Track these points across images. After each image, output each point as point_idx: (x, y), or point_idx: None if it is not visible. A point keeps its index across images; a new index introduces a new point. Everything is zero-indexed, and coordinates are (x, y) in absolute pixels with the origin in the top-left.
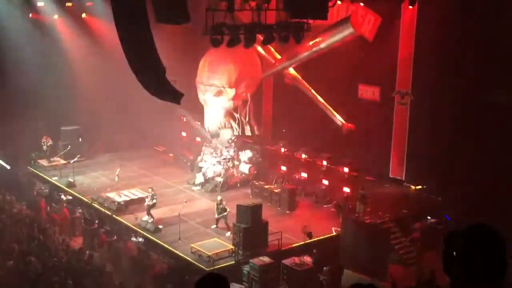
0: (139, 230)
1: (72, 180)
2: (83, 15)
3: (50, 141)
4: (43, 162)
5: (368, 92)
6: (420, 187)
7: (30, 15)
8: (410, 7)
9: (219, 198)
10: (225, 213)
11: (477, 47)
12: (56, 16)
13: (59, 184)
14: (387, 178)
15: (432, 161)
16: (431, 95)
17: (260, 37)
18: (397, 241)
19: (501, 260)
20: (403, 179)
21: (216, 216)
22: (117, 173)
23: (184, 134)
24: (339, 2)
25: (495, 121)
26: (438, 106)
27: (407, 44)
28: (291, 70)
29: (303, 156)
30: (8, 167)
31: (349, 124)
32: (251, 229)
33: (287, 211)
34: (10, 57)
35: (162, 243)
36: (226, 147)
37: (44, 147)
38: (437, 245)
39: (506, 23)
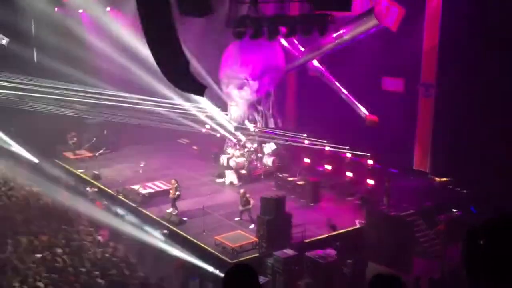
0: (164, 222)
1: (97, 173)
2: (108, 8)
3: (75, 137)
4: (69, 155)
5: (392, 84)
6: (445, 179)
7: (56, 9)
8: None
9: (242, 190)
10: (249, 206)
11: (503, 37)
12: (81, 10)
13: (84, 177)
14: (411, 170)
15: (458, 153)
16: (456, 87)
17: (283, 29)
18: (422, 233)
19: None
20: (428, 171)
21: (240, 208)
22: (141, 165)
23: (207, 126)
24: None
25: None
26: (464, 97)
27: (432, 35)
28: (315, 62)
29: (327, 148)
30: (36, 161)
31: (373, 116)
32: (274, 222)
33: (311, 204)
34: (36, 51)
35: (186, 235)
36: (249, 140)
37: (70, 142)
38: (462, 238)
39: None
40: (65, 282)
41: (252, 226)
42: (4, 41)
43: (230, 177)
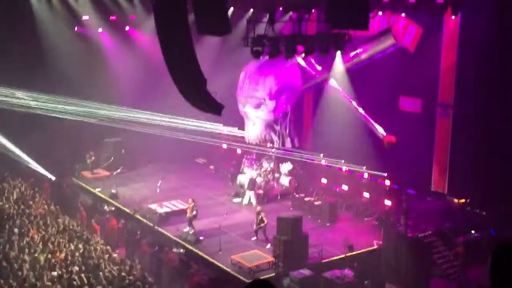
0: (180, 241)
1: (115, 192)
2: (127, 28)
3: (93, 156)
4: (86, 173)
5: (409, 104)
6: (463, 200)
7: (76, 28)
8: (453, 17)
9: (258, 208)
10: (263, 225)
11: None
12: (100, 29)
13: (102, 196)
14: (429, 191)
15: (476, 174)
16: (474, 107)
17: (300, 48)
18: (440, 255)
19: None
20: (446, 193)
21: (255, 227)
22: (158, 184)
23: (224, 146)
24: (380, 13)
25: None
26: (482, 117)
27: (449, 55)
28: (332, 82)
29: (344, 168)
30: (53, 178)
31: (391, 137)
32: (291, 241)
33: (328, 224)
34: (56, 69)
35: (202, 254)
36: (266, 159)
37: (88, 161)
38: (481, 260)
39: None
40: None
41: (268, 246)
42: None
43: (249, 197)
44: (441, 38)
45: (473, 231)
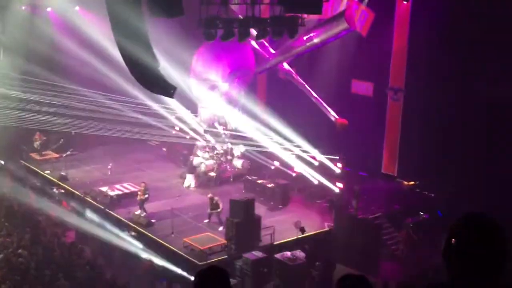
0: (132, 224)
1: (64, 174)
2: (76, 8)
3: (43, 137)
4: (35, 155)
5: (361, 87)
6: (412, 182)
7: (23, 7)
8: (405, 2)
9: (209, 195)
10: (218, 210)
11: (472, 42)
12: (49, 9)
13: (51, 178)
14: (380, 173)
15: (425, 157)
16: (425, 91)
17: (254, 31)
18: (389, 236)
19: (500, 253)
20: (396, 175)
21: (209, 211)
22: (109, 167)
23: (177, 128)
24: None
25: (489, 116)
26: (432, 102)
27: (401, 39)
28: (285, 65)
29: (296, 151)
30: (2, 162)
31: (343, 120)
32: (244, 224)
33: (280, 206)
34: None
35: (154, 237)
36: (219, 142)
37: (35, 144)
38: (429, 241)
39: (502, 16)
40: (28, 284)
41: (221, 228)
42: None
43: (189, 180)
44: (392, 23)
45: (421, 213)
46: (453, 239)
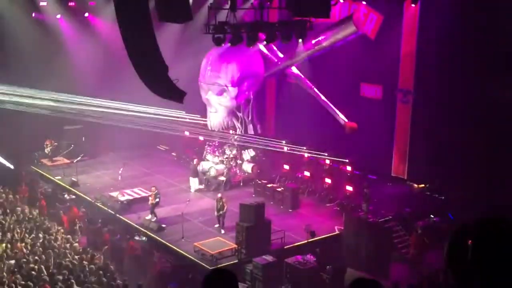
0: (142, 229)
1: (75, 179)
2: (86, 14)
3: (54, 143)
4: (46, 161)
5: (370, 90)
6: (423, 185)
7: (33, 14)
8: (413, 5)
9: (219, 195)
10: (223, 211)
11: (480, 44)
12: (58, 16)
13: (62, 184)
14: (390, 177)
15: (435, 160)
16: (434, 94)
17: (262, 35)
18: (400, 239)
19: None
20: (406, 178)
21: (216, 214)
22: (120, 172)
23: (187, 133)
24: (341, 1)
25: (499, 118)
26: (441, 104)
27: (409, 42)
28: (294, 69)
29: (306, 155)
30: (12, 167)
31: (352, 123)
32: (254, 228)
33: (290, 210)
34: (13, 56)
35: (165, 242)
36: (229, 146)
37: (46, 150)
38: (440, 244)
39: (510, 19)
40: None
41: (222, 231)
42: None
43: (193, 184)
44: (401, 26)
45: (432, 216)
46: (471, 243)
